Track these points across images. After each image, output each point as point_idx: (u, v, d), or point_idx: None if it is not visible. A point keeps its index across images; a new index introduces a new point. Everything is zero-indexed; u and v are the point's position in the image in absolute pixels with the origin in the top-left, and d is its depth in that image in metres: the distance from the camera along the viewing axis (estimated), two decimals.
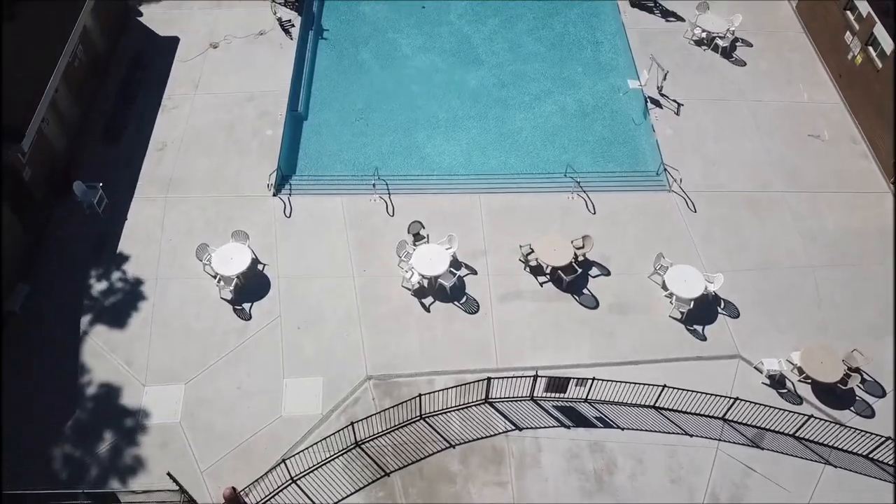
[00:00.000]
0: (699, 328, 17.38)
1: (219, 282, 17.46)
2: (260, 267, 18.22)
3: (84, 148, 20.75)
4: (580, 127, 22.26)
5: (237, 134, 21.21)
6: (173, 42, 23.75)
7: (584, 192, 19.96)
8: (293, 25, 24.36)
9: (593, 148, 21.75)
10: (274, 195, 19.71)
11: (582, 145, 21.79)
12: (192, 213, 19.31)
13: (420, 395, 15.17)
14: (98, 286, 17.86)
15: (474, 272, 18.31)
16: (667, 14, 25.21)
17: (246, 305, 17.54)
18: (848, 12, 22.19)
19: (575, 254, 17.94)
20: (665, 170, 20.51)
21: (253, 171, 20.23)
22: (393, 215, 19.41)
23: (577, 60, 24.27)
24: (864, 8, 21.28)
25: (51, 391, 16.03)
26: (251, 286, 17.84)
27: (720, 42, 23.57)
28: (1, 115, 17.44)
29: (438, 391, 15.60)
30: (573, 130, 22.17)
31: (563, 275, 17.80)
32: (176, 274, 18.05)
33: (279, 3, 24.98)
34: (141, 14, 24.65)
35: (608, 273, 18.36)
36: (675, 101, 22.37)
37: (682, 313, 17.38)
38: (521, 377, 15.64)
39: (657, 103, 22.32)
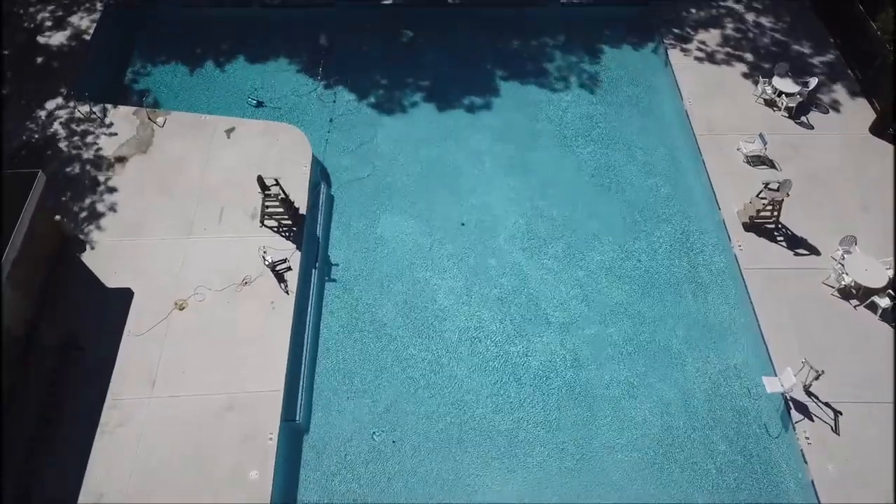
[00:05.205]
0: None
1: None
2: None
3: None
4: (693, 443, 15.75)
5: (209, 473, 14.70)
6: (125, 298, 17.27)
7: None
8: (289, 267, 17.86)
9: (714, 481, 15.24)
10: None
11: (698, 475, 15.29)
12: None
13: None
14: None
15: None
16: (795, 243, 18.62)
17: None
18: None
19: None
20: None
21: None
22: None
23: (675, 317, 17.74)
24: None
25: None
26: None
27: (879, 301, 17.04)
28: None
29: None
30: (684, 447, 15.67)
31: None
32: None
33: (273, 230, 18.53)
34: (83, 249, 18.22)
35: None
36: (827, 404, 15.86)
37: None
38: None
39: (802, 408, 15.80)
